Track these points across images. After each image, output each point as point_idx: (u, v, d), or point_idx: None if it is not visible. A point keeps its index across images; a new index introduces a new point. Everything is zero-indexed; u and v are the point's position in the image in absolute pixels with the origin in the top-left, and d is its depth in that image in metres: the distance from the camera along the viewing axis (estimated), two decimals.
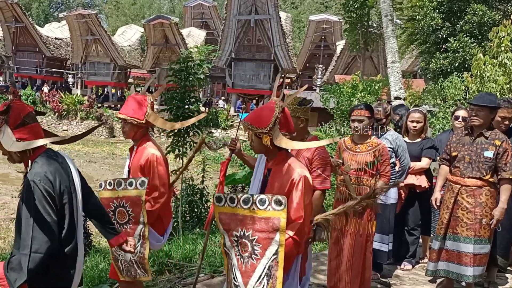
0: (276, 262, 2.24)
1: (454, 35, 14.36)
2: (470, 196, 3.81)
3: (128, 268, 2.98)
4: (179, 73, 6.51)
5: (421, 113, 4.76)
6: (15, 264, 2.00)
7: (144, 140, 3.13)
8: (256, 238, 2.26)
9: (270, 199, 2.25)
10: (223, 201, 2.40)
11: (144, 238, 2.90)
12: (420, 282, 4.42)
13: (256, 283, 2.27)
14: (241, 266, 2.32)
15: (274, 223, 2.23)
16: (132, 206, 2.88)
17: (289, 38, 29.23)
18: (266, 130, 2.37)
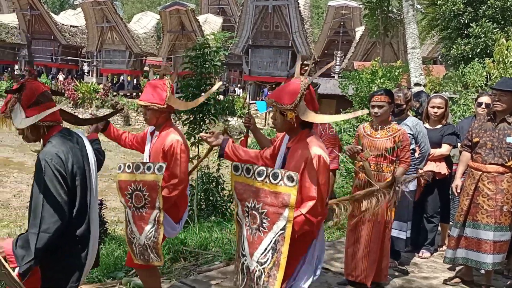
0: (282, 237, 2.25)
1: (476, 20, 14.01)
2: (491, 183, 3.76)
3: (141, 252, 2.99)
4: (196, 60, 6.46)
5: (442, 99, 4.71)
6: (23, 242, 2.01)
7: (168, 125, 3.12)
8: (266, 212, 2.28)
9: (283, 174, 2.25)
10: (239, 170, 2.40)
11: (159, 223, 2.91)
12: (438, 270, 4.39)
13: (261, 255, 2.29)
14: (249, 237, 2.35)
15: (284, 198, 2.23)
16: (149, 191, 2.88)
17: (308, 24, 28.88)
18: (292, 107, 2.35)
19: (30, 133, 2.20)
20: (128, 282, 3.75)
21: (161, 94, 3.03)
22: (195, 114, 6.37)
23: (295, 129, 2.45)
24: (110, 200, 10.10)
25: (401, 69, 12.19)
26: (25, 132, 2.19)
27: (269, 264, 2.26)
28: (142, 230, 2.93)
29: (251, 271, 2.32)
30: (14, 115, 2.13)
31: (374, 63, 12.22)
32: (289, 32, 27.39)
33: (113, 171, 13.02)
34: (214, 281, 3.81)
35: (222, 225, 5.66)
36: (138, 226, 2.95)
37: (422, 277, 4.20)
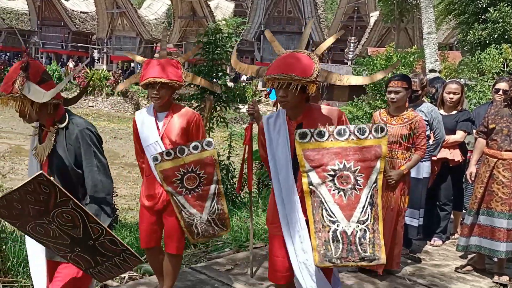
0: (376, 190, 2.25)
1: (494, 5, 13.67)
2: (506, 170, 3.70)
3: (205, 229, 3.02)
4: (207, 46, 6.40)
5: (458, 84, 4.62)
6: (95, 210, 2.09)
7: (176, 104, 3.12)
8: (359, 168, 2.24)
9: (370, 127, 2.25)
10: (308, 136, 2.30)
11: (220, 195, 2.98)
12: (450, 258, 4.35)
13: (361, 214, 2.24)
14: (341, 200, 2.26)
15: (377, 150, 2.23)
16: (204, 168, 2.90)
17: (321, 9, 28.55)
18: (313, 78, 2.26)
19: (36, 112, 2.17)
20: (138, 268, 3.77)
21: (177, 72, 2.99)
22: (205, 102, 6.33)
23: (302, 104, 2.38)
24: (120, 188, 10.18)
25: (416, 55, 11.95)
26: (30, 111, 2.15)
27: (371, 220, 2.24)
28: (202, 208, 2.97)
29: (349, 234, 2.23)
30: (31, 92, 2.10)
31: (388, 49, 12.00)
32: (302, 18, 27.12)
33: (123, 159, 13.14)
34: (224, 267, 3.81)
35: (232, 212, 5.65)
36: (196, 207, 2.96)
37: (433, 264, 4.16)
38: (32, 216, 1.87)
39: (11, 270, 3.46)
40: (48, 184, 1.77)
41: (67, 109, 2.30)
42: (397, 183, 3.64)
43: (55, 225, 1.90)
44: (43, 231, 1.94)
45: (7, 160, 13.53)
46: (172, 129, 2.99)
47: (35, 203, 1.82)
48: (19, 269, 3.47)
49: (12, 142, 16.80)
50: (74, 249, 1.99)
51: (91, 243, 1.96)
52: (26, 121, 2.23)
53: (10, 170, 12.30)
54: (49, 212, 1.84)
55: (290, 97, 2.29)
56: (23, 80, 2.11)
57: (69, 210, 1.86)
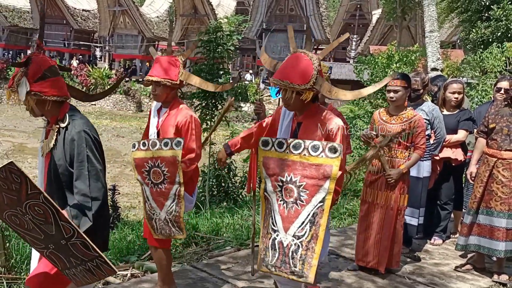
0: (321, 209, 2.24)
1: (497, 3, 13.59)
2: (506, 170, 3.70)
3: (162, 227, 3.02)
4: (208, 44, 6.40)
5: (460, 84, 4.64)
6: (77, 212, 2.08)
7: (177, 101, 3.12)
8: (304, 185, 2.26)
9: (325, 146, 2.23)
10: (269, 145, 2.38)
11: (180, 197, 2.93)
12: (450, 257, 4.36)
13: (298, 229, 2.27)
14: (283, 212, 2.32)
15: (326, 170, 2.22)
16: (168, 166, 2.89)
17: (323, 7, 28.45)
18: (310, 86, 2.30)
19: (36, 108, 2.20)
20: (140, 266, 3.80)
21: (173, 70, 3.02)
22: (208, 100, 6.34)
23: (306, 105, 2.43)
24: (123, 186, 10.21)
25: (418, 54, 11.92)
26: (32, 106, 2.19)
27: (307, 237, 2.25)
28: (162, 205, 2.96)
29: (285, 245, 2.29)
30: (20, 89, 2.14)
31: (390, 47, 11.98)
32: (304, 16, 27.06)
33: (125, 157, 13.19)
34: (225, 265, 3.83)
35: (233, 211, 5.68)
36: (157, 202, 2.98)
37: (433, 263, 4.18)
38: (7, 204, 1.84)
39: (14, 267, 3.50)
40: (18, 174, 1.73)
41: (74, 107, 2.29)
42: (397, 182, 3.66)
43: (28, 217, 1.87)
44: (18, 222, 1.91)
45: (10, 158, 13.56)
46: (166, 126, 3.07)
47: (8, 192, 1.79)
48: (22, 266, 3.51)
49: (15, 140, 16.86)
50: (48, 245, 1.96)
51: (63, 242, 1.92)
52: (31, 115, 2.27)
53: None
54: (21, 203, 1.81)
55: (289, 100, 2.38)
56: (20, 75, 2.15)
57: (40, 204, 1.82)
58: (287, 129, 2.54)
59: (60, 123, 2.22)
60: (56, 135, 2.21)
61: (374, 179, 3.74)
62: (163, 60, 3.05)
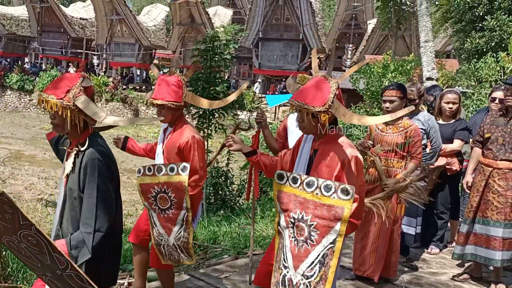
0: (332, 251, 2.17)
1: (491, 13, 13.75)
2: (501, 179, 3.73)
3: (171, 253, 2.98)
4: (205, 53, 6.44)
5: (456, 94, 4.66)
6: (77, 242, 2.03)
7: (181, 122, 3.10)
8: (315, 224, 2.19)
9: (337, 187, 2.15)
10: (284, 179, 2.31)
11: (188, 223, 2.88)
12: (447, 266, 4.37)
13: (307, 269, 2.21)
14: (294, 249, 2.26)
15: (337, 212, 2.14)
16: (175, 192, 2.82)
17: (319, 16, 28.61)
18: (325, 109, 2.24)
19: (69, 126, 2.17)
20: None
21: (177, 92, 3.01)
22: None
23: (322, 129, 2.35)
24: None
25: (413, 63, 12.02)
26: (68, 122, 2.15)
27: (316, 278, 2.19)
28: (170, 231, 2.91)
29: (294, 283, 2.25)
30: (88, 108, 2.13)
31: (385, 57, 12.08)
32: (300, 25, 27.19)
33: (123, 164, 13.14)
34: (223, 274, 3.83)
35: (231, 219, 5.68)
36: (165, 228, 2.92)
37: (430, 273, 4.19)
38: (4, 230, 1.80)
39: (11, 276, 3.48)
40: (10, 205, 1.68)
41: (97, 134, 2.27)
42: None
43: (24, 246, 1.83)
44: (16, 248, 1.88)
45: (7, 166, 13.52)
46: (170, 147, 3.06)
47: (3, 219, 1.75)
48: (18, 275, 3.50)
49: (12, 148, 16.79)
50: (46, 273, 1.92)
51: (59, 272, 1.87)
52: (56, 130, 2.24)
53: (10, 176, 12.30)
54: (16, 232, 1.78)
55: (304, 122, 2.32)
56: (79, 92, 2.13)
57: (33, 235, 1.77)
58: (305, 154, 2.46)
59: (80, 146, 2.20)
60: (75, 158, 2.18)
61: (371, 188, 3.76)
62: (167, 81, 3.03)
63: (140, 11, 37.23)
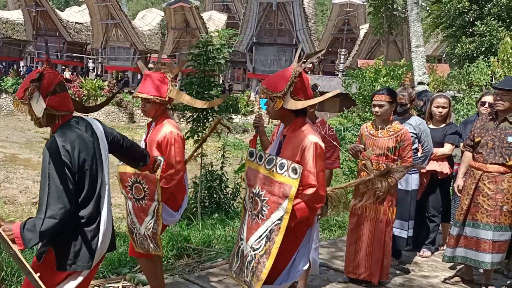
0: (278, 227, 2.29)
1: (481, 19, 13.92)
2: (491, 183, 3.77)
3: (142, 242, 3.09)
4: (199, 58, 6.48)
5: (446, 98, 4.71)
6: (30, 226, 2.09)
7: (163, 117, 3.17)
8: (267, 200, 2.33)
9: (289, 165, 2.29)
10: (254, 156, 2.47)
11: (158, 215, 2.99)
12: (439, 269, 4.41)
13: (255, 241, 2.35)
14: (249, 222, 2.42)
15: (286, 189, 2.27)
16: (148, 184, 2.97)
17: (312, 21, 28.79)
18: (281, 94, 2.37)
19: (45, 121, 2.26)
20: (132, 278, 3.79)
21: (162, 87, 3.08)
22: (199, 112, 6.40)
23: (288, 117, 2.46)
24: (115, 197, 10.12)
25: (405, 68, 12.14)
26: (40, 119, 2.24)
27: (261, 251, 2.32)
28: (142, 221, 3.04)
29: (244, 255, 2.40)
30: (34, 103, 2.18)
31: (377, 62, 12.19)
32: (293, 30, 27.33)
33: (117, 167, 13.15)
34: (217, 278, 3.85)
35: (225, 222, 5.70)
36: (138, 217, 3.06)
37: (422, 276, 4.22)
38: None
39: (5, 280, 3.48)
40: None
41: (71, 119, 2.30)
42: (385, 194, 3.69)
43: None
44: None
45: (2, 169, 13.45)
46: (151, 141, 3.13)
47: None
48: (13, 279, 3.49)
49: (7, 151, 16.68)
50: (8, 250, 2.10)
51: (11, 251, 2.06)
52: (36, 125, 2.31)
53: (5, 179, 12.23)
54: None
55: (270, 107, 2.46)
56: (33, 89, 2.18)
57: None
58: (277, 140, 2.59)
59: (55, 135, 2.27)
60: None
61: (362, 191, 3.79)
62: (152, 77, 3.10)
63: (135, 16, 37.25)
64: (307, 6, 28.29)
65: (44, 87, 2.19)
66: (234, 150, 15.05)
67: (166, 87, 3.09)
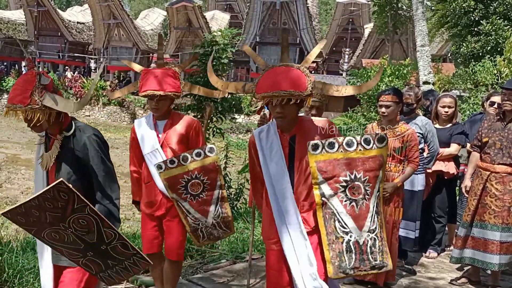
0: (379, 198, 2.31)
1: (487, 18, 13.86)
2: (499, 183, 3.74)
3: (210, 232, 3.08)
4: (203, 58, 6.45)
5: (452, 98, 4.66)
6: (105, 214, 2.12)
7: (174, 112, 3.17)
8: (367, 179, 2.28)
9: (374, 138, 2.28)
10: (320, 148, 2.30)
11: (224, 199, 3.06)
12: (446, 270, 4.38)
13: (371, 222, 2.28)
14: (353, 211, 2.26)
15: (380, 160, 2.29)
16: (207, 174, 2.97)
17: (316, 21, 28.77)
18: (309, 91, 2.31)
19: (50, 121, 2.23)
20: (135, 280, 3.77)
21: (176, 82, 3.04)
22: (202, 112, 6.36)
23: (296, 117, 2.44)
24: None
25: (410, 67, 12.09)
26: (43, 120, 2.19)
27: (378, 228, 2.28)
28: (207, 213, 3.03)
29: (361, 243, 2.25)
30: (51, 103, 2.16)
31: (382, 61, 12.15)
32: (297, 29, 27.29)
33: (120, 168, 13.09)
34: (220, 279, 3.82)
35: None
36: (201, 212, 3.02)
37: (429, 277, 4.19)
38: (49, 222, 1.94)
39: (7, 281, 3.46)
40: (67, 191, 1.85)
41: (73, 117, 2.35)
42: (391, 195, 3.68)
43: (71, 231, 1.96)
44: (58, 237, 2.00)
45: (3, 170, 13.46)
46: (172, 137, 3.07)
47: (53, 210, 1.89)
48: (15, 281, 3.47)
49: (8, 152, 16.72)
50: (87, 253, 2.06)
51: (104, 247, 2.03)
52: (36, 130, 2.26)
53: (6, 180, 12.23)
54: (65, 218, 1.92)
55: (288, 112, 2.33)
56: (41, 91, 2.15)
57: (85, 216, 1.92)
58: (278, 150, 2.44)
59: (65, 132, 2.26)
60: (61, 144, 2.24)
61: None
62: (163, 73, 3.02)
63: (138, 15, 37.29)
64: (311, 5, 28.26)
65: (49, 87, 2.18)
66: (237, 151, 15.02)
67: (179, 82, 3.08)
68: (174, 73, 3.06)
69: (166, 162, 2.95)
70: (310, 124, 2.45)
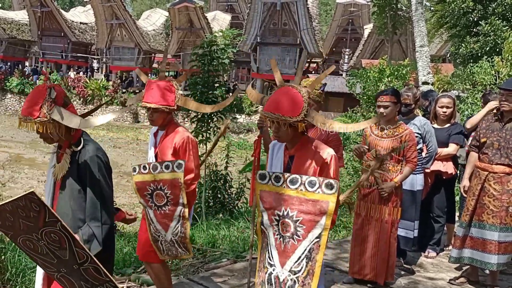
0: (318, 245, 2.23)
1: (485, 18, 13.87)
2: (497, 183, 3.76)
3: (169, 248, 3.05)
4: (203, 58, 6.49)
5: (450, 98, 4.69)
6: (88, 236, 2.14)
7: (173, 124, 3.18)
8: (301, 220, 2.25)
9: (321, 182, 2.22)
10: (267, 179, 2.35)
11: (184, 218, 2.95)
12: (444, 270, 4.40)
13: (295, 264, 2.26)
14: (280, 246, 2.30)
15: (322, 206, 2.21)
16: (171, 189, 2.92)
17: (316, 21, 28.76)
18: (301, 118, 2.30)
19: (60, 133, 2.24)
20: (136, 279, 3.80)
21: (170, 96, 3.07)
22: (203, 113, 6.40)
23: (297, 137, 2.43)
24: (119, 197, 10.19)
25: (409, 68, 12.10)
26: (54, 133, 2.23)
27: (303, 273, 2.24)
28: (167, 227, 2.99)
29: (281, 280, 2.29)
30: (58, 117, 2.18)
31: (382, 61, 12.15)
32: (297, 30, 27.29)
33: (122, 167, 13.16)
34: (221, 278, 3.85)
35: (229, 222, 5.70)
36: (162, 224, 2.99)
37: (427, 277, 4.21)
38: (22, 230, 1.89)
39: (10, 280, 3.49)
40: (38, 203, 1.80)
41: (85, 132, 2.36)
42: (390, 195, 3.71)
43: (43, 243, 1.92)
44: (32, 246, 1.96)
45: (7, 169, 13.49)
46: (163, 149, 3.12)
47: (25, 219, 1.84)
48: (17, 279, 3.50)
49: (12, 151, 16.78)
50: (60, 269, 2.01)
51: (76, 267, 1.96)
52: (47, 142, 2.30)
53: (10, 179, 12.24)
54: (38, 229, 1.87)
55: (281, 133, 2.39)
56: (51, 105, 2.18)
57: (57, 231, 1.87)
58: (278, 162, 2.53)
59: (74, 147, 2.28)
60: (70, 159, 2.26)
61: (367, 192, 3.80)
62: (159, 85, 3.08)
63: (140, 16, 37.30)
64: (311, 6, 28.26)
65: (58, 101, 2.21)
66: (238, 150, 15.07)
67: (174, 96, 3.09)
68: (168, 87, 3.10)
69: (140, 167, 3.00)
70: (310, 150, 2.42)
